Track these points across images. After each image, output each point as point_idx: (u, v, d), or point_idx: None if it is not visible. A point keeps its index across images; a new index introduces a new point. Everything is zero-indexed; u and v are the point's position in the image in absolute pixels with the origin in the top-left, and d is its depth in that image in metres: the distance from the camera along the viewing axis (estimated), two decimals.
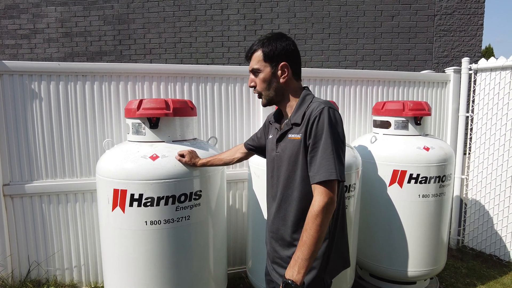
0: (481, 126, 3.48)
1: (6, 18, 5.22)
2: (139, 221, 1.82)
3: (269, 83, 1.40)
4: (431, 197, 2.53)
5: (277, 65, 1.38)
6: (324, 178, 1.20)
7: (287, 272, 1.21)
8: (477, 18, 5.07)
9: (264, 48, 1.37)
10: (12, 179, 2.55)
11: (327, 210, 1.20)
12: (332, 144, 1.23)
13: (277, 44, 1.37)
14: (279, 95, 1.43)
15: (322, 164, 1.22)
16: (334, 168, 1.21)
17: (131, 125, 2.05)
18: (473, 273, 3.13)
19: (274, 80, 1.40)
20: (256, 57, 1.39)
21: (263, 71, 1.39)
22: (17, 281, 2.60)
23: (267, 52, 1.37)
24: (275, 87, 1.41)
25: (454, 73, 3.50)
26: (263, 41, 1.39)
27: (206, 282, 2.09)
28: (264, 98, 1.44)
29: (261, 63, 1.38)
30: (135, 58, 5.23)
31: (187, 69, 2.80)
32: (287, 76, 1.39)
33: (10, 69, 2.46)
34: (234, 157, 1.90)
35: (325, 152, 1.22)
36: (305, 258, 1.19)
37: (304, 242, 1.20)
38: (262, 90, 1.42)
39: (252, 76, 1.44)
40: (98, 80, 2.63)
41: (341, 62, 5.14)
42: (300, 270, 1.19)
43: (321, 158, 1.23)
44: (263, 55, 1.37)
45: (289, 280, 1.19)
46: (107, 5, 5.18)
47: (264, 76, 1.39)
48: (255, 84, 1.44)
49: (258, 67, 1.39)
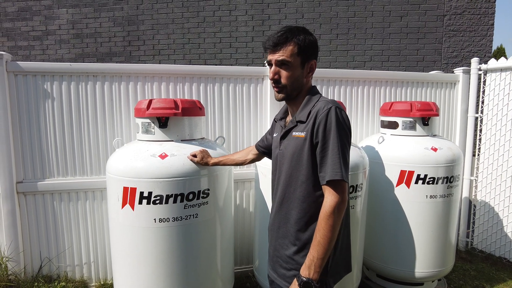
0: (491, 127, 3.45)
1: (19, 20, 5.34)
2: (148, 218, 1.86)
3: (296, 79, 1.35)
4: (439, 198, 2.52)
5: (308, 62, 1.35)
6: (332, 178, 1.21)
7: (303, 271, 1.23)
8: (487, 18, 5.01)
9: (299, 42, 1.30)
10: (25, 177, 2.62)
11: (339, 209, 1.21)
12: (339, 145, 1.23)
13: (310, 39, 1.32)
14: (297, 91, 1.38)
15: (332, 165, 1.22)
16: (340, 169, 1.21)
17: (140, 124, 2.09)
18: (482, 276, 3.10)
19: (301, 76, 1.36)
20: (289, 50, 1.30)
21: (294, 65, 1.32)
22: (29, 277, 2.66)
23: (303, 46, 1.31)
24: (299, 83, 1.36)
25: (463, 74, 3.47)
26: (297, 34, 1.30)
27: (213, 280, 2.11)
28: (287, 92, 1.36)
29: (294, 57, 1.31)
30: (144, 59, 5.31)
31: (195, 69, 2.84)
32: (311, 74, 1.39)
33: (24, 69, 2.53)
34: (246, 158, 1.92)
35: (334, 153, 1.23)
36: (321, 258, 1.20)
37: (318, 242, 1.21)
38: (288, 84, 1.34)
39: (276, 68, 1.34)
40: (108, 80, 2.68)
41: (349, 63, 5.13)
42: (317, 269, 1.21)
43: (331, 158, 1.23)
44: (298, 49, 1.30)
45: (306, 278, 1.21)
46: (117, 7, 5.26)
47: (294, 71, 1.33)
48: (279, 77, 1.35)
49: (290, 60, 1.31)
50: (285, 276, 1.39)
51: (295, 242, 1.36)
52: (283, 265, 1.41)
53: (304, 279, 1.21)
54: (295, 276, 1.28)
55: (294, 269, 1.36)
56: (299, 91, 1.39)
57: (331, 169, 1.22)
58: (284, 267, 1.40)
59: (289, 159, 1.36)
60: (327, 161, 1.24)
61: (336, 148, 1.23)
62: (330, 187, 1.23)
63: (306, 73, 1.37)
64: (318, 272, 1.21)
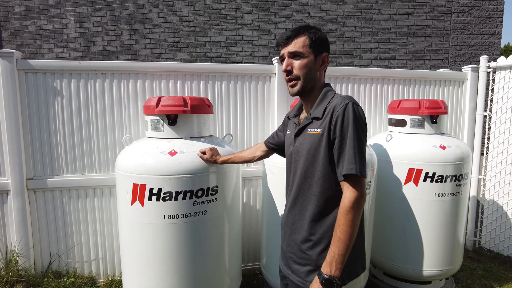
0: (500, 126, 3.42)
1: (27, 19, 5.38)
2: (157, 215, 1.87)
3: (309, 69, 1.35)
4: (447, 196, 2.51)
5: (320, 55, 1.37)
6: (350, 172, 1.21)
7: (324, 269, 1.23)
8: (496, 15, 4.96)
9: (310, 35, 1.34)
10: (35, 174, 2.64)
11: (358, 204, 1.21)
12: (357, 141, 1.23)
13: (321, 34, 1.36)
14: (311, 85, 1.39)
15: (349, 160, 1.22)
16: (355, 164, 1.21)
17: (150, 121, 2.11)
18: (490, 275, 3.08)
19: (314, 69, 1.37)
20: (301, 41, 1.34)
21: (307, 57, 1.34)
22: (39, 272, 2.69)
23: (314, 38, 1.34)
24: (312, 76, 1.37)
25: (471, 72, 3.44)
26: (307, 28, 1.35)
27: (221, 277, 2.12)
28: (300, 84, 1.37)
29: (306, 48, 1.33)
30: (151, 57, 5.33)
31: (203, 67, 2.85)
32: (325, 68, 1.40)
33: (34, 67, 2.55)
34: (255, 155, 1.92)
35: (352, 149, 1.23)
36: (342, 254, 1.20)
37: (339, 238, 1.21)
38: (302, 75, 1.35)
39: (289, 59, 1.36)
40: (116, 78, 2.70)
41: (355, 61, 5.11)
42: (338, 265, 1.21)
43: (348, 154, 1.23)
44: (309, 40, 1.33)
45: (328, 276, 1.21)
46: (123, 5, 5.28)
47: (307, 63, 1.34)
48: (291, 68, 1.36)
49: (303, 51, 1.33)
50: (299, 272, 1.40)
51: (310, 237, 1.36)
52: (297, 261, 1.41)
53: (326, 277, 1.21)
54: (309, 272, 1.28)
55: (308, 265, 1.36)
56: (313, 84, 1.39)
57: (348, 164, 1.22)
58: (298, 263, 1.41)
59: (304, 156, 1.36)
60: (345, 157, 1.23)
61: (354, 144, 1.23)
62: (348, 183, 1.22)
63: (318, 65, 1.38)
64: (340, 268, 1.21)
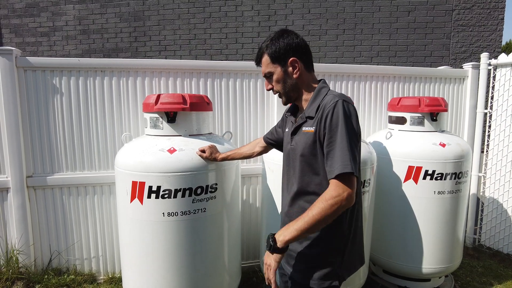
0: (500, 123, 3.41)
1: (27, 16, 5.38)
2: (156, 212, 1.87)
3: (284, 82, 1.41)
4: (447, 193, 2.50)
5: (286, 63, 1.38)
6: (339, 172, 1.18)
7: (277, 232, 1.24)
8: (497, 12, 4.94)
9: (268, 51, 1.38)
10: (35, 171, 2.65)
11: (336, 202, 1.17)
12: (346, 139, 1.21)
13: (280, 42, 1.37)
14: (295, 92, 1.43)
15: (338, 159, 1.20)
16: (349, 162, 1.18)
17: (149, 119, 2.10)
18: (489, 272, 3.08)
19: (288, 78, 1.40)
20: (265, 61, 1.41)
21: (275, 72, 1.40)
22: (39, 269, 2.70)
23: (272, 53, 1.38)
24: (290, 84, 1.41)
25: (472, 69, 3.43)
26: (267, 44, 1.40)
27: (221, 274, 2.13)
28: (284, 97, 1.45)
29: (271, 66, 1.40)
30: (151, 54, 5.32)
31: (203, 65, 2.84)
32: (299, 70, 1.39)
33: (33, 65, 2.55)
34: (253, 151, 1.93)
35: (340, 146, 1.20)
36: (297, 229, 1.19)
37: (304, 217, 1.19)
38: (280, 90, 1.43)
39: (266, 80, 1.47)
40: (116, 75, 2.70)
41: (355, 58, 5.10)
42: (287, 235, 1.20)
43: (337, 152, 1.21)
44: (269, 58, 1.39)
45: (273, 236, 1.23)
46: (123, 3, 5.27)
47: (278, 77, 1.40)
48: (271, 87, 1.46)
49: (269, 70, 1.41)
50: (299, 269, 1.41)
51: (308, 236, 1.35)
52: (296, 258, 1.42)
53: (270, 236, 1.24)
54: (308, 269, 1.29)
55: (308, 262, 1.37)
56: (297, 91, 1.44)
57: (338, 163, 1.19)
58: (297, 260, 1.42)
59: (300, 154, 1.36)
60: (333, 155, 1.22)
61: (345, 142, 1.20)
62: (336, 181, 1.19)
63: (290, 73, 1.39)
64: (287, 240, 1.20)
